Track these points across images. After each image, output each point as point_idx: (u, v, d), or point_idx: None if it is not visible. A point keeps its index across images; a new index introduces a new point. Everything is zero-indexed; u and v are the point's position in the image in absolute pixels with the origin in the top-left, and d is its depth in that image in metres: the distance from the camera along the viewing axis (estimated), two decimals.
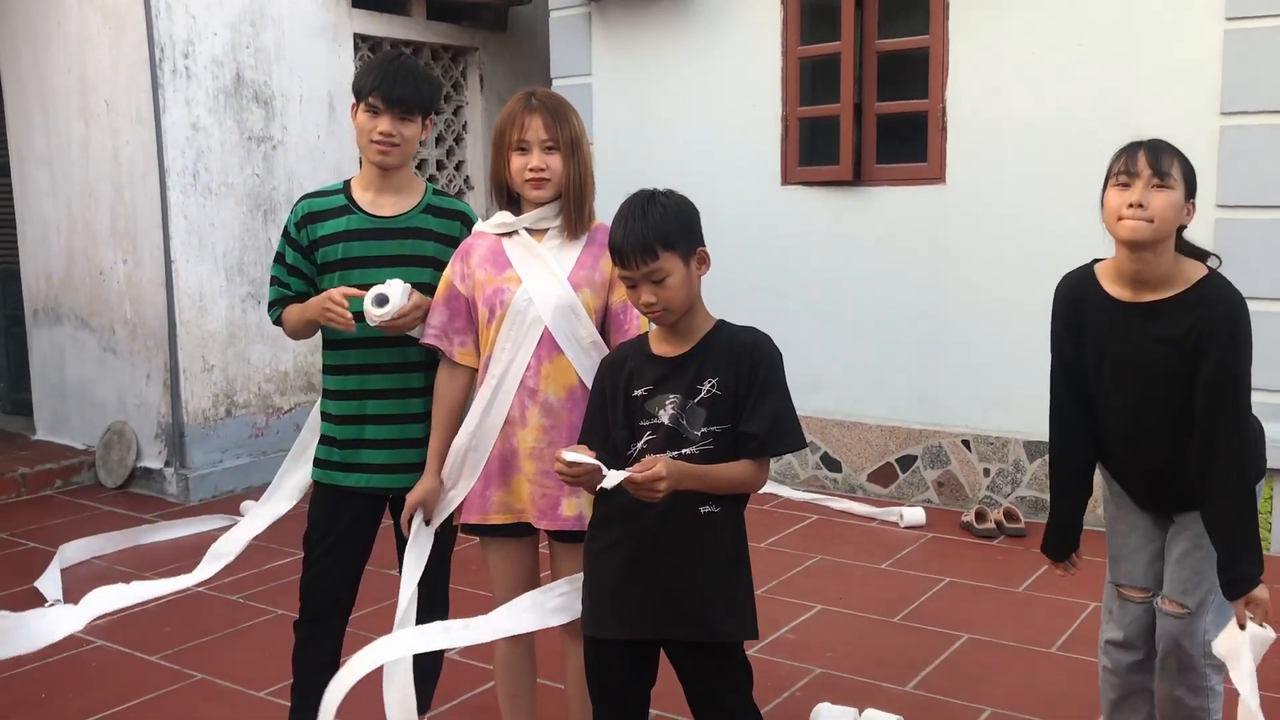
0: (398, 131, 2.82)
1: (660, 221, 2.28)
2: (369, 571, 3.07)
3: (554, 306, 2.62)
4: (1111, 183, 2.52)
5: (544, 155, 2.63)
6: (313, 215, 2.92)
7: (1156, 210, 2.43)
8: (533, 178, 2.63)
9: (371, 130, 2.82)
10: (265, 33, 6.32)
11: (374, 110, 2.81)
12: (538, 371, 2.64)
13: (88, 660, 4.06)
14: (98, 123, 6.22)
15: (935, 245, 5.66)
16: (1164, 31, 4.99)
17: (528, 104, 2.65)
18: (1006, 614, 4.30)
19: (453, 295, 2.74)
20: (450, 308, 2.75)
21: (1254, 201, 4.83)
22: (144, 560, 5.09)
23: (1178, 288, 2.52)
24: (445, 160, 7.63)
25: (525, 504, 2.69)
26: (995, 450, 5.55)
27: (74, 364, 6.64)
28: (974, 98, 5.49)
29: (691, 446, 2.28)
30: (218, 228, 6.16)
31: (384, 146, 2.82)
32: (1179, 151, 2.52)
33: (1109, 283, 2.61)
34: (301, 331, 2.95)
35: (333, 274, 2.90)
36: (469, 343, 2.75)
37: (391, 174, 2.91)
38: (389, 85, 2.78)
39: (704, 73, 6.26)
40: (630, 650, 2.37)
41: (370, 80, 2.81)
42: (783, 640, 4.09)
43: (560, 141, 2.63)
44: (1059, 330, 2.70)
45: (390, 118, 2.80)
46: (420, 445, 2.88)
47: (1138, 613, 2.77)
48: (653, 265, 2.26)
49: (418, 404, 2.91)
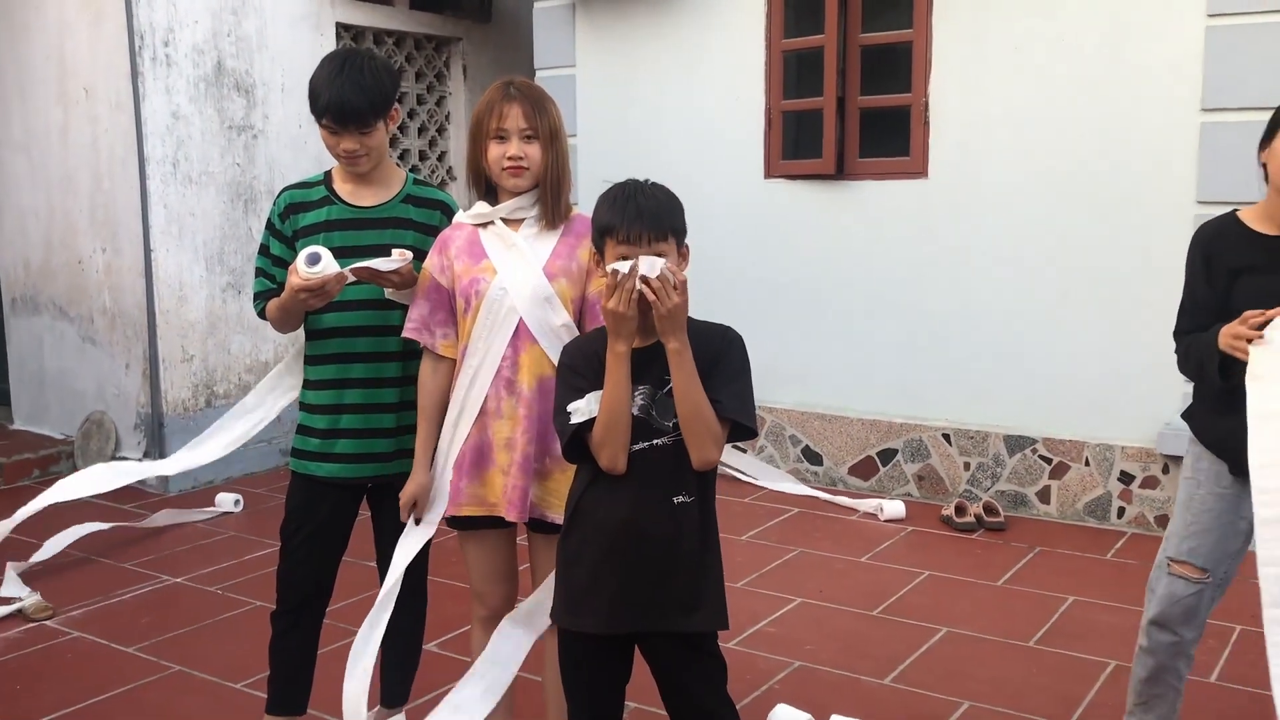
0: (362, 144, 2.79)
1: (668, 206, 2.30)
2: (346, 563, 3.06)
3: (529, 296, 2.61)
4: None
5: (522, 144, 2.62)
6: (295, 206, 2.91)
7: None
8: (510, 165, 2.62)
9: (335, 147, 2.81)
10: (247, 21, 6.28)
11: (333, 130, 2.78)
12: (514, 362, 2.63)
13: (64, 651, 4.03)
14: (77, 110, 6.17)
15: (917, 239, 5.67)
16: (1146, 28, 5.00)
17: (507, 92, 2.65)
18: (986, 608, 4.31)
19: (433, 287, 2.73)
20: (431, 300, 2.73)
21: (1235, 198, 4.82)
22: (123, 551, 5.07)
23: None
24: (428, 150, 7.60)
25: (498, 496, 2.69)
26: (975, 444, 5.57)
27: (52, 353, 6.60)
28: (957, 92, 5.50)
29: (662, 437, 2.28)
30: (198, 217, 6.12)
31: (351, 160, 2.82)
32: None
33: (1258, 224, 2.69)
34: (285, 323, 2.93)
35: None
36: (450, 334, 2.74)
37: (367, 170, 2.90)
38: (338, 108, 2.72)
39: (688, 65, 6.25)
40: (605, 644, 2.37)
41: (321, 101, 2.74)
42: (762, 633, 4.09)
43: (539, 131, 2.62)
44: (1198, 274, 2.74)
45: (351, 136, 2.77)
46: (390, 435, 2.88)
47: (1186, 593, 2.77)
48: (660, 245, 2.26)
49: (391, 394, 2.90)
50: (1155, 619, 2.83)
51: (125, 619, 4.32)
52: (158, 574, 4.80)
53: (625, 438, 2.26)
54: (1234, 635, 3.98)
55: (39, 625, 4.26)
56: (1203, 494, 2.79)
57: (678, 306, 2.19)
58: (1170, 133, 4.96)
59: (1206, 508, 2.78)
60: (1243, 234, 2.71)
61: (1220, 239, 2.74)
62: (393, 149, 7.30)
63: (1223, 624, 3.92)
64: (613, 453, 2.26)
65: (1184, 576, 2.78)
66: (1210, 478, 2.78)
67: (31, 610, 4.32)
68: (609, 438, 2.25)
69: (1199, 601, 2.76)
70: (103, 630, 4.20)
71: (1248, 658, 3.82)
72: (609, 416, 2.24)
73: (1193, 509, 2.80)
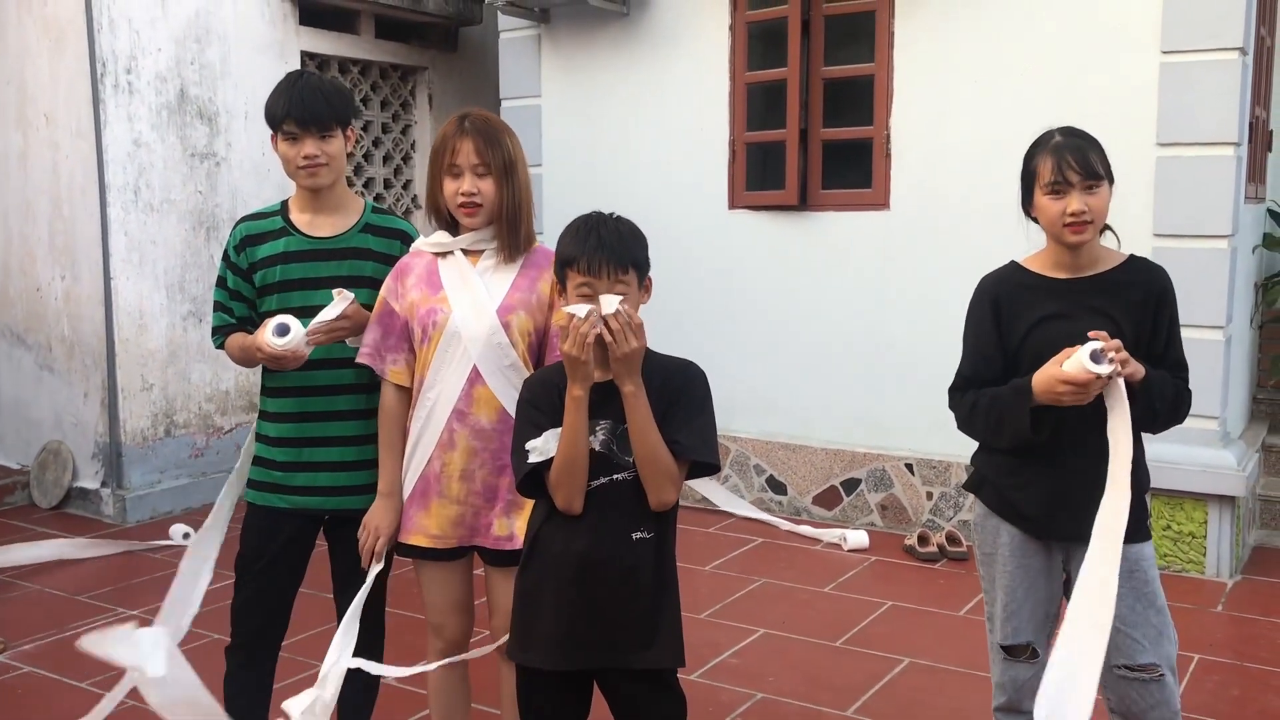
0: (322, 151, 2.79)
1: (630, 239, 2.30)
2: (306, 595, 3.02)
3: (482, 338, 2.60)
4: (1042, 190, 2.57)
5: (475, 180, 2.62)
6: (251, 238, 2.89)
7: (1097, 212, 2.54)
8: (464, 203, 2.62)
9: (296, 156, 2.79)
10: (210, 49, 6.26)
11: (292, 136, 2.78)
12: (469, 395, 2.62)
13: (14, 686, 3.95)
14: (36, 135, 6.12)
15: (880, 270, 5.71)
16: (1103, 63, 5.08)
17: (460, 127, 2.64)
18: (948, 638, 4.32)
19: (386, 313, 2.73)
20: (383, 325, 2.73)
21: (1189, 231, 4.92)
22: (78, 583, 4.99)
23: (1111, 262, 2.64)
24: (393, 179, 7.59)
25: (444, 528, 2.67)
26: (938, 473, 5.59)
27: (9, 381, 6.50)
28: (918, 125, 5.56)
29: (622, 472, 2.27)
30: (159, 245, 6.07)
31: (311, 168, 2.80)
32: (1092, 139, 2.60)
33: (1048, 270, 2.67)
34: (245, 364, 2.91)
35: (271, 296, 2.88)
36: (400, 360, 2.72)
37: (326, 193, 2.88)
38: (300, 108, 2.75)
39: (653, 96, 6.28)
40: (563, 680, 2.35)
41: (281, 107, 2.77)
42: (724, 665, 4.08)
43: (492, 166, 2.62)
44: (986, 326, 2.69)
45: (311, 139, 2.77)
46: (353, 468, 2.86)
47: (1028, 675, 2.69)
48: (622, 278, 2.25)
49: (352, 426, 2.88)
50: (1003, 706, 2.78)
51: (79, 653, 4.22)
52: (112, 606, 4.72)
53: (582, 480, 2.25)
54: (1192, 664, 4.00)
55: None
56: (1011, 569, 2.70)
57: (634, 350, 2.20)
58: (1127, 167, 4.97)
59: (1018, 583, 2.69)
60: (1037, 282, 2.65)
61: (1014, 289, 2.68)
62: (358, 177, 7.29)
63: (1183, 653, 3.93)
64: (568, 494, 2.26)
65: (1022, 661, 2.73)
66: (1014, 552, 2.69)
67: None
68: (565, 480, 2.25)
69: (1037, 669, 2.66)
70: (55, 665, 4.12)
71: (1207, 686, 3.85)
72: (565, 460, 2.24)
73: (1005, 587, 2.71)
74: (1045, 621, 2.72)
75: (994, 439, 2.69)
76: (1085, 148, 2.56)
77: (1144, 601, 2.57)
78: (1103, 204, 2.55)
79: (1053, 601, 2.71)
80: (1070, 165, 2.52)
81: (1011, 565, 2.70)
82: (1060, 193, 2.54)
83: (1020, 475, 2.66)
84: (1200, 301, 4.82)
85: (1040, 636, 2.72)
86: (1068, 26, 5.15)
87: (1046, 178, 2.56)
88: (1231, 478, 4.88)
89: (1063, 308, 2.60)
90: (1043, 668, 2.53)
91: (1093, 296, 2.59)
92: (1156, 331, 2.60)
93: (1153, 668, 2.56)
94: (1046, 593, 2.69)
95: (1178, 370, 2.62)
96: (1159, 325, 2.60)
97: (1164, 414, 2.55)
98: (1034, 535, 2.67)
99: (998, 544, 2.73)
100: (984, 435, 2.72)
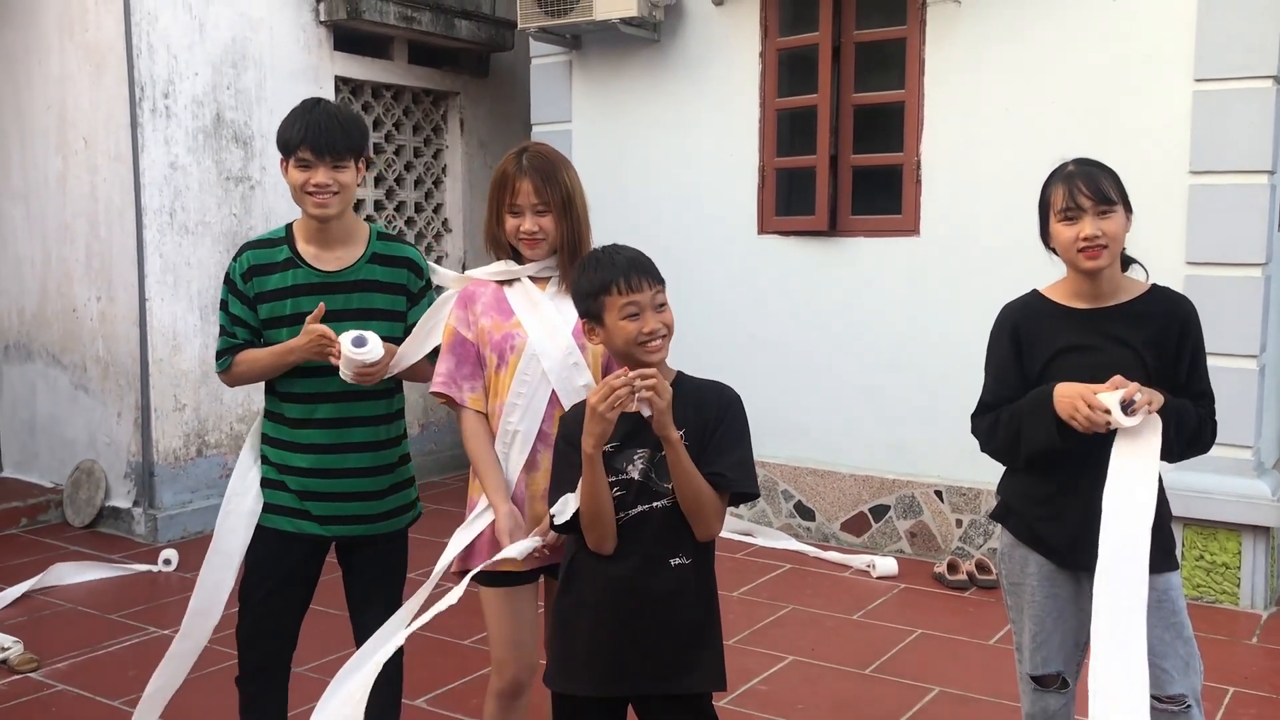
0: (334, 180, 2.77)
1: (645, 256, 2.35)
2: (326, 615, 3.01)
3: (559, 359, 2.62)
4: (1056, 218, 2.58)
5: (535, 218, 2.64)
6: (258, 268, 2.88)
7: (1111, 237, 2.54)
8: (526, 239, 2.66)
9: (306, 183, 2.76)
10: (246, 74, 6.34)
11: (305, 164, 2.75)
12: (550, 416, 2.63)
13: (48, 704, 3.99)
14: (76, 159, 6.21)
15: (909, 296, 5.70)
16: (1135, 91, 5.07)
17: (519, 165, 2.66)
18: (978, 667, 4.29)
19: (459, 341, 2.72)
20: (457, 354, 2.72)
21: (1223, 259, 4.89)
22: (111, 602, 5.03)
23: (1133, 292, 2.63)
24: (424, 203, 7.65)
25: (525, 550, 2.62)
26: (968, 501, 5.57)
27: (44, 401, 6.58)
28: (949, 151, 5.56)
29: (662, 499, 2.28)
30: (193, 266, 6.14)
31: (322, 198, 2.77)
32: (1105, 167, 2.60)
33: (1068, 300, 2.67)
34: (258, 377, 2.91)
35: (281, 329, 2.86)
36: (478, 387, 2.71)
37: (334, 224, 2.85)
38: (315, 135, 2.73)
39: (683, 122, 6.31)
40: (600, 706, 2.35)
41: (295, 133, 2.75)
42: (753, 691, 4.06)
43: (552, 203, 2.64)
44: (1006, 355, 2.69)
45: (324, 168, 2.75)
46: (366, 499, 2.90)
47: (1059, 705, 2.68)
48: (659, 287, 2.29)
49: (367, 459, 2.91)
50: None
51: (111, 671, 4.27)
52: (144, 625, 4.75)
53: (610, 526, 2.27)
54: (1227, 697, 3.96)
55: (24, 677, 4.21)
56: (1040, 599, 2.69)
57: (669, 404, 2.21)
58: (1159, 195, 5.02)
59: (1047, 612, 2.69)
60: (1058, 311, 2.66)
61: (1034, 318, 2.69)
62: (390, 200, 7.36)
63: (1217, 685, 3.90)
64: (598, 539, 2.29)
65: (1052, 691, 2.72)
66: (1042, 581, 2.69)
67: (16, 662, 4.27)
68: (593, 529, 2.28)
69: (1068, 699, 2.67)
70: (87, 683, 4.15)
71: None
72: (589, 515, 2.27)
73: (1034, 617, 2.70)
74: (1075, 651, 2.70)
75: (1012, 451, 2.66)
76: (1097, 174, 2.57)
77: (1172, 632, 2.56)
78: (1117, 229, 2.55)
79: (1082, 630, 2.69)
80: (1081, 191, 2.54)
81: (1041, 595, 2.69)
82: (1073, 219, 2.55)
83: (1047, 506, 2.66)
84: (1234, 330, 4.79)
85: (1070, 666, 2.70)
86: (1100, 55, 5.15)
87: (1059, 204, 2.58)
88: (1266, 508, 4.83)
89: (1083, 338, 2.60)
90: (1073, 698, 2.52)
91: (1114, 326, 2.59)
92: (1179, 361, 2.59)
93: (1181, 699, 2.55)
94: (1076, 621, 2.68)
95: (1202, 400, 2.60)
96: (1182, 355, 2.59)
97: (1182, 443, 2.53)
98: (1061, 565, 2.67)
99: (1025, 573, 2.72)
100: (1003, 448, 2.70)
